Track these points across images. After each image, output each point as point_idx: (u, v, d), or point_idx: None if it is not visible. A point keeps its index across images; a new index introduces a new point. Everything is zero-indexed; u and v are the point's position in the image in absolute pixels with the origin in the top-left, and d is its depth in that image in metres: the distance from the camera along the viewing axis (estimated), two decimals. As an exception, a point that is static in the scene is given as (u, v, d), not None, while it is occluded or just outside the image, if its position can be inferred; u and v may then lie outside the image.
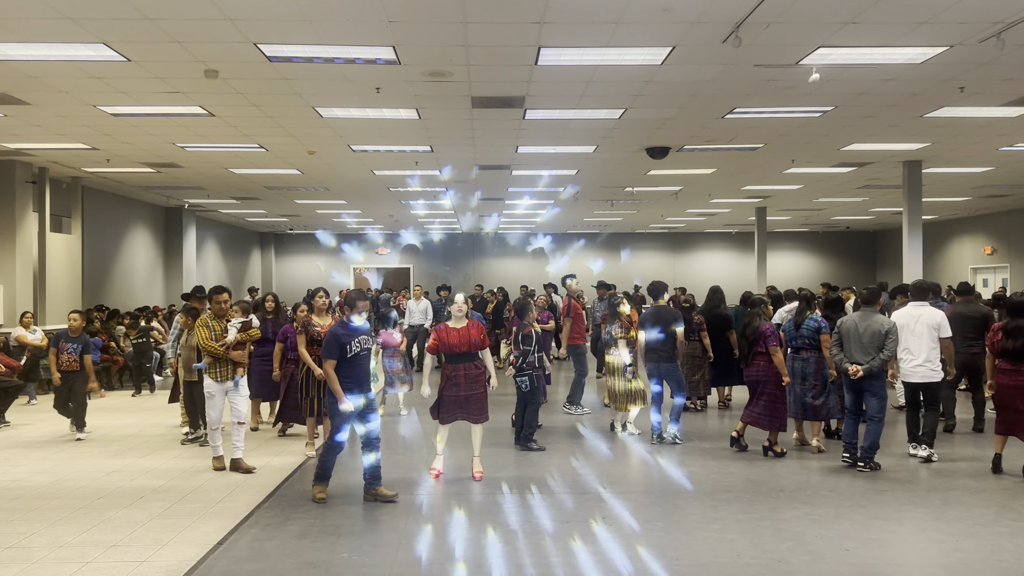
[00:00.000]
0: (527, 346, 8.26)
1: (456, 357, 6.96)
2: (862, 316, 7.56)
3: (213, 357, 7.24)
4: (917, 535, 5.47)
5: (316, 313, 8.08)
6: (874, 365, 7.27)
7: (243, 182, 16.91)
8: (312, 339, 7.86)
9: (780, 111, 10.62)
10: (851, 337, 7.51)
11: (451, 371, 6.96)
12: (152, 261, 21.11)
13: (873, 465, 7.33)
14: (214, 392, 7.29)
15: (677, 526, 5.69)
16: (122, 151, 13.18)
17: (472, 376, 6.98)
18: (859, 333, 7.46)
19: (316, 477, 6.40)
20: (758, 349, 8.02)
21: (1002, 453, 7.28)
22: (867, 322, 7.46)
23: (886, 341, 7.28)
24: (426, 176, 16.11)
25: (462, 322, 7.05)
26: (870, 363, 7.29)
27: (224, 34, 7.39)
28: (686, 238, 31.23)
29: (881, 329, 7.34)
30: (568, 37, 7.57)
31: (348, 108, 10.28)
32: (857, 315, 7.63)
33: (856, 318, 7.59)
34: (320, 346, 7.65)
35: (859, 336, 7.46)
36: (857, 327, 7.49)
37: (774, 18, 7.08)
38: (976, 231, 25.25)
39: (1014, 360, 7.12)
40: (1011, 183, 17.66)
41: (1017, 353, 7.08)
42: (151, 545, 5.33)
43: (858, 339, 7.46)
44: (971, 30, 7.43)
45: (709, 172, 15.87)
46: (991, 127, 11.73)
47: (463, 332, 6.98)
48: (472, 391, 6.96)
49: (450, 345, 6.92)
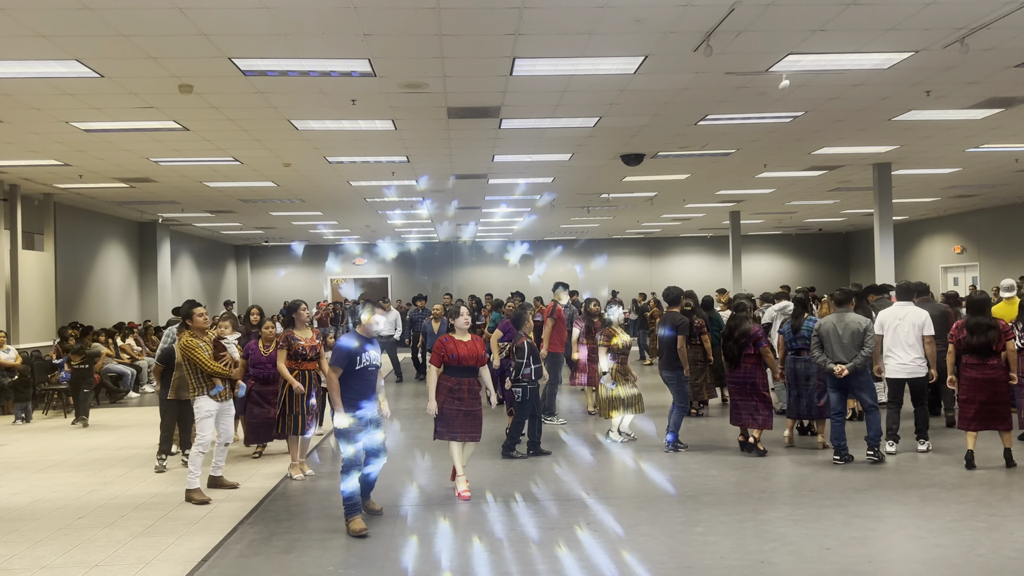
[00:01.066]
0: (520, 358, 8.20)
1: (462, 370, 6.69)
2: (839, 317, 7.76)
3: (220, 377, 6.93)
4: (897, 532, 5.57)
5: (297, 327, 7.79)
6: (857, 363, 7.51)
7: (218, 195, 16.81)
8: (295, 354, 7.60)
9: (752, 117, 10.77)
10: (831, 338, 7.71)
11: (455, 384, 6.67)
12: (127, 277, 20.91)
13: (880, 455, 7.65)
14: (213, 412, 6.94)
15: (661, 530, 5.75)
16: (95, 167, 13.06)
17: (474, 392, 6.76)
18: (839, 334, 7.68)
19: (347, 510, 5.84)
20: (747, 352, 8.18)
21: (974, 448, 7.45)
22: (845, 322, 7.68)
23: (865, 338, 7.54)
24: (403, 186, 16.12)
25: (467, 335, 6.84)
26: (854, 362, 7.52)
27: (198, 49, 7.37)
28: (662, 243, 31.46)
29: (860, 328, 7.59)
30: (542, 48, 7.64)
31: (324, 120, 10.29)
32: (834, 316, 7.82)
33: (833, 319, 7.77)
34: (304, 360, 7.61)
35: (839, 336, 7.67)
36: (836, 328, 7.70)
37: (744, 27, 7.20)
38: (946, 231, 25.68)
39: (980, 355, 7.39)
40: (978, 183, 18.00)
41: (983, 348, 7.37)
42: (134, 564, 5.29)
43: (838, 339, 7.67)
44: (935, 36, 7.60)
45: (683, 178, 16.03)
46: (958, 129, 11.97)
47: (471, 345, 6.76)
48: (472, 407, 6.71)
49: (460, 357, 6.65)
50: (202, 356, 6.82)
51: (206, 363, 6.82)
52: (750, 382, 8.16)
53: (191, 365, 6.85)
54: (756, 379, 8.16)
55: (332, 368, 5.91)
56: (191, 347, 6.81)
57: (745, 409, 8.20)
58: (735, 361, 8.29)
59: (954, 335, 7.67)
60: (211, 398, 6.90)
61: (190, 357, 6.81)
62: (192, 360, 6.83)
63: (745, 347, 8.18)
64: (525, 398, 8.21)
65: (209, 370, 6.82)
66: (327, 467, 8.16)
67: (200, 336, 6.98)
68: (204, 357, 6.83)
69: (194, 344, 6.85)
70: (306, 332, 7.78)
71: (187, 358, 6.84)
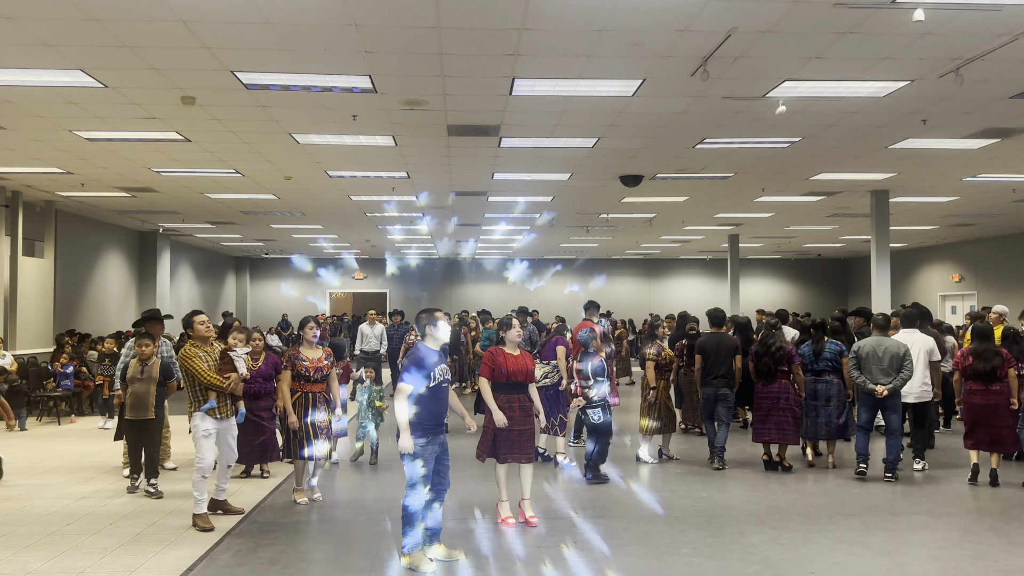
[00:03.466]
0: (600, 377, 7.89)
1: (511, 387, 6.28)
2: (877, 340, 8.17)
3: (218, 392, 6.40)
4: (881, 559, 5.57)
5: (304, 346, 7.19)
6: (897, 385, 7.92)
7: (219, 207, 16.90)
8: (299, 375, 7.02)
9: (749, 141, 10.86)
10: (871, 360, 8.10)
11: (505, 402, 6.23)
12: (125, 285, 20.96)
13: (896, 476, 7.99)
14: (212, 432, 6.37)
15: (647, 551, 5.75)
16: (97, 175, 13.15)
17: (526, 409, 6.32)
18: (879, 356, 8.07)
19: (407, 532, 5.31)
20: (781, 367, 8.42)
21: (979, 462, 7.82)
22: (884, 345, 8.10)
23: (904, 362, 7.96)
24: (403, 202, 16.20)
25: (517, 349, 6.43)
26: (895, 383, 7.92)
27: (201, 62, 7.47)
28: (661, 264, 31.53)
29: (899, 352, 8.02)
30: (542, 69, 7.74)
31: (325, 135, 10.38)
32: (872, 340, 8.21)
33: (872, 343, 8.18)
34: (309, 382, 7.02)
35: (879, 359, 8.06)
36: (875, 351, 8.10)
37: (741, 52, 7.29)
38: (944, 259, 25.75)
39: (985, 381, 7.77)
40: (976, 213, 18.09)
41: (988, 374, 7.76)
42: (120, 571, 5.30)
43: (878, 361, 8.06)
44: (930, 66, 7.69)
45: (682, 200, 16.11)
46: (955, 158, 12.05)
47: (520, 360, 6.34)
48: (525, 426, 6.27)
49: (509, 373, 6.24)
50: (199, 366, 6.32)
51: (202, 373, 6.30)
52: (783, 396, 8.40)
53: (188, 377, 6.40)
54: (789, 394, 8.42)
55: (403, 385, 5.25)
56: (188, 356, 6.36)
57: (776, 425, 8.41)
58: (769, 377, 8.47)
59: (959, 362, 8.00)
60: (206, 414, 6.36)
61: (187, 367, 6.36)
62: (189, 371, 6.37)
63: (780, 363, 8.43)
64: (605, 418, 7.85)
65: (205, 381, 6.30)
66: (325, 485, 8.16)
67: (203, 345, 6.48)
68: (201, 367, 6.32)
69: (192, 353, 6.38)
70: (314, 352, 7.19)
71: (184, 368, 6.40)
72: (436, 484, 5.48)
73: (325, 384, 7.17)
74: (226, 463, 6.65)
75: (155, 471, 7.45)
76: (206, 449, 6.32)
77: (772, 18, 6.49)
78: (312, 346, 7.21)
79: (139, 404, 7.47)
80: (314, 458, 7.08)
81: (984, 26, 6.67)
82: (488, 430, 6.27)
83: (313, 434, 7.01)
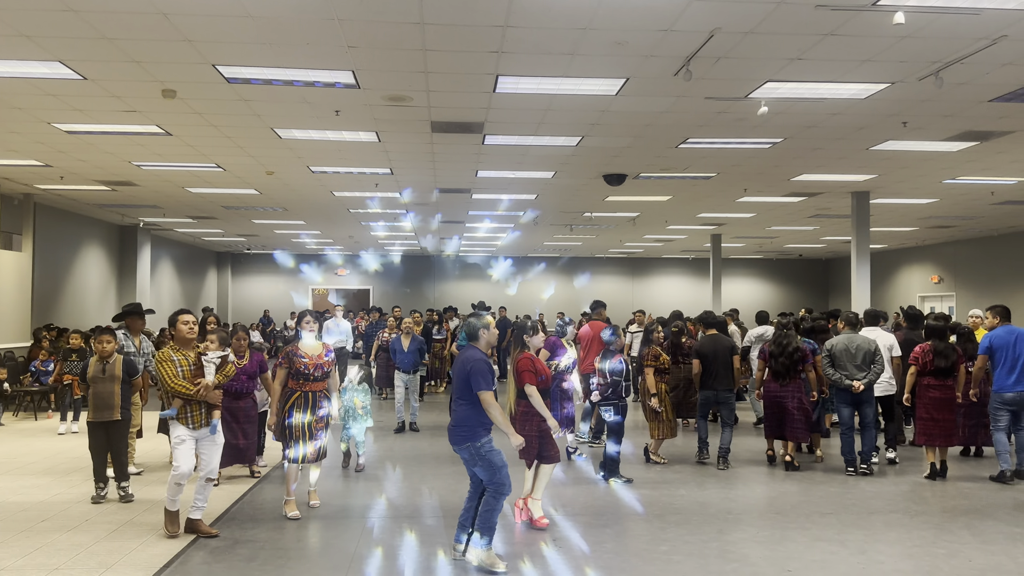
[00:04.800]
0: (616, 377, 7.95)
1: (544, 392, 6.30)
2: (849, 338, 8.42)
3: (184, 399, 5.88)
4: (858, 556, 5.62)
5: (303, 341, 6.64)
6: (871, 379, 8.23)
7: (200, 201, 16.77)
8: (298, 373, 6.49)
9: (731, 142, 10.91)
10: (845, 357, 8.35)
11: (527, 407, 6.24)
12: (105, 280, 20.76)
13: (871, 468, 8.37)
14: (184, 438, 5.89)
15: (626, 548, 5.77)
16: (76, 168, 13.01)
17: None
18: (852, 353, 8.33)
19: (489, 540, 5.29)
20: (798, 368, 8.58)
21: (935, 460, 8.15)
22: (856, 342, 8.38)
23: (875, 357, 8.29)
24: (386, 198, 16.15)
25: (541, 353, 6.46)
26: (868, 378, 8.23)
27: (183, 55, 7.40)
28: (644, 263, 31.63)
29: (870, 347, 8.35)
30: (525, 67, 7.73)
31: (307, 130, 10.32)
32: (844, 337, 8.45)
33: (844, 340, 8.42)
34: (308, 381, 6.50)
35: (852, 355, 8.33)
36: (848, 348, 8.36)
37: (724, 53, 7.32)
38: (924, 260, 26.01)
39: (942, 376, 8.15)
40: (955, 215, 18.27)
41: (947, 371, 8.17)
42: (95, 568, 5.25)
43: (851, 358, 8.33)
44: (911, 68, 7.76)
45: (665, 199, 16.16)
46: (934, 160, 12.17)
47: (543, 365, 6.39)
48: (545, 427, 6.26)
49: (547, 379, 6.30)
50: (166, 371, 5.86)
51: (167, 379, 5.85)
52: (797, 396, 8.53)
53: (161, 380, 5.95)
54: (803, 394, 8.59)
55: (488, 392, 5.24)
56: (160, 359, 5.93)
57: (788, 423, 8.54)
58: (785, 376, 8.59)
59: (918, 357, 8.28)
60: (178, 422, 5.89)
61: (157, 369, 5.95)
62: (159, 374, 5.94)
63: (798, 363, 8.57)
64: (620, 417, 7.94)
65: (170, 387, 5.84)
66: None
67: (182, 348, 6.00)
68: (169, 372, 5.85)
69: (164, 356, 5.95)
70: (315, 347, 6.66)
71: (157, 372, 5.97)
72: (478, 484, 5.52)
73: (325, 383, 6.64)
74: (203, 475, 6.00)
75: (125, 474, 7.09)
76: (179, 456, 5.85)
77: (755, 19, 6.52)
78: (311, 341, 6.64)
79: (103, 404, 7.02)
80: (302, 461, 6.47)
81: (964, 30, 6.73)
82: (532, 435, 6.23)
83: (309, 435, 6.48)
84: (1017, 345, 8.00)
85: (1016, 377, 7.96)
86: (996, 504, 7.13)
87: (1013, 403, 7.99)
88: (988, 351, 8.17)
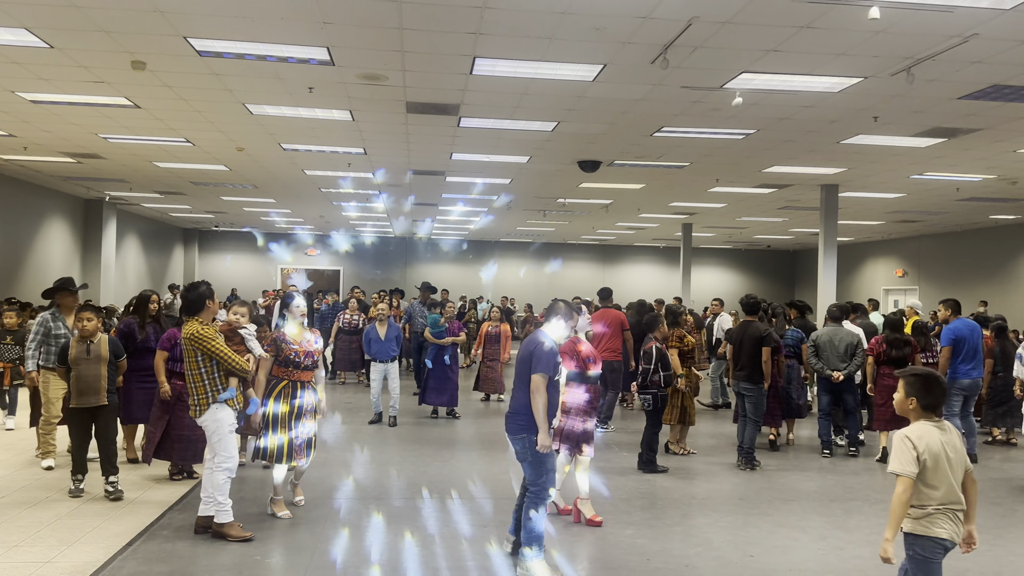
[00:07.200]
0: (648, 363, 7.74)
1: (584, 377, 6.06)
2: (833, 330, 8.91)
3: (240, 377, 5.47)
4: (819, 543, 5.73)
5: (290, 325, 6.05)
6: (852, 370, 8.70)
7: (168, 176, 16.49)
8: (287, 360, 5.94)
9: (705, 132, 10.96)
10: (828, 348, 8.84)
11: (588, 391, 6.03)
12: (69, 254, 20.36)
13: (858, 450, 8.86)
14: (235, 425, 5.45)
15: (592, 531, 5.83)
16: (41, 139, 12.71)
17: None
18: (835, 344, 8.81)
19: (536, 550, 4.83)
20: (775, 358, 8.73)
21: (888, 445, 8.47)
22: (840, 335, 8.86)
23: (857, 349, 8.76)
24: (359, 178, 16.01)
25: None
26: (849, 368, 8.69)
27: (153, 26, 7.25)
28: (616, 251, 31.76)
29: (853, 340, 8.83)
30: (503, 49, 7.68)
31: (279, 106, 10.17)
32: (829, 329, 8.97)
33: (829, 332, 8.91)
34: (298, 369, 5.95)
35: (835, 347, 8.80)
36: (832, 340, 8.84)
37: (700, 42, 7.34)
38: (889, 254, 26.43)
39: (897, 366, 8.44)
40: (921, 210, 18.57)
41: (899, 360, 8.50)
42: (56, 545, 5.18)
43: (834, 349, 8.80)
44: (883, 64, 7.85)
45: (638, 187, 16.22)
46: (903, 156, 12.34)
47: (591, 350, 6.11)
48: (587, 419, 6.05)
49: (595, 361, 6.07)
50: (223, 347, 5.35)
51: (230, 357, 5.32)
52: (772, 386, 8.66)
53: (205, 362, 5.33)
54: (778, 384, 8.86)
55: (542, 379, 4.82)
56: (207, 336, 5.28)
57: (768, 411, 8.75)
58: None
59: (873, 348, 8.71)
60: (224, 404, 5.36)
61: (206, 350, 5.28)
62: (209, 354, 5.30)
63: (778, 352, 8.75)
64: (657, 406, 7.71)
65: (234, 366, 5.33)
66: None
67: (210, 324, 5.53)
68: (226, 349, 5.36)
69: (210, 333, 5.33)
70: (302, 333, 6.07)
71: (200, 352, 5.31)
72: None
73: (313, 373, 6.10)
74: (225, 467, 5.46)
75: (114, 467, 6.39)
76: (230, 446, 5.36)
77: (732, 9, 6.54)
78: (300, 326, 6.07)
79: (88, 389, 6.33)
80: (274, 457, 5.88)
81: (936, 27, 6.81)
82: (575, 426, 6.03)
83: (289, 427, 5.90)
84: (972, 336, 8.73)
85: (972, 365, 8.68)
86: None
87: (967, 389, 8.69)
88: (952, 343, 8.70)
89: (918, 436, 3.50)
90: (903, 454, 3.48)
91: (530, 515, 4.83)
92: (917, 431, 3.53)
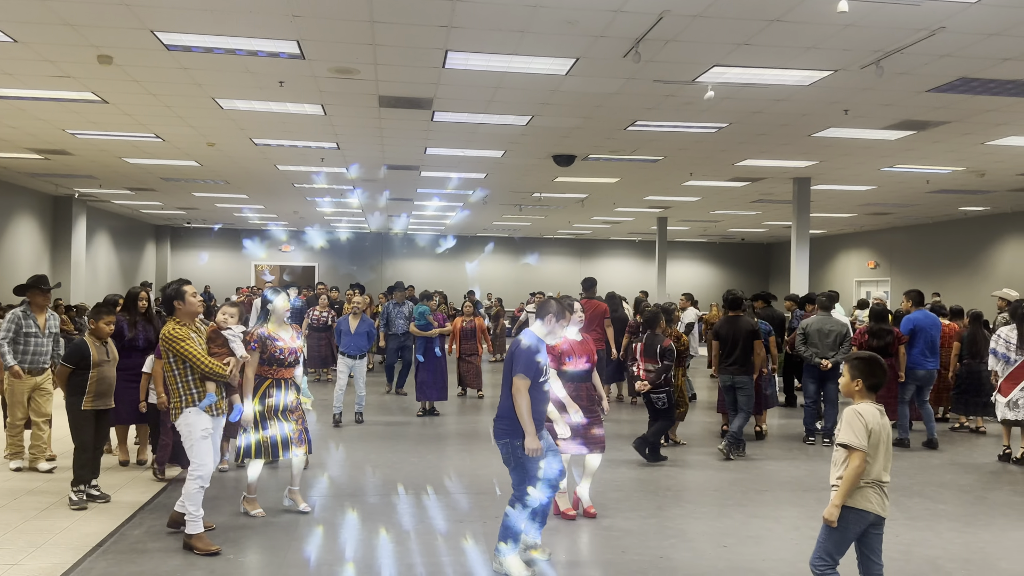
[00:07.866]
0: (668, 361, 7.79)
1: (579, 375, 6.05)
2: (823, 320, 9.11)
3: (218, 381, 5.29)
4: (792, 533, 5.79)
5: (274, 322, 5.95)
6: (840, 358, 8.72)
7: (138, 172, 16.27)
8: (272, 359, 5.85)
9: (679, 125, 11.00)
10: (818, 337, 9.03)
11: (572, 391, 5.94)
12: (37, 252, 20.03)
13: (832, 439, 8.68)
14: (211, 431, 5.24)
15: (566, 525, 5.83)
16: (7, 135, 12.48)
17: (592, 397, 6.10)
18: (824, 333, 9.01)
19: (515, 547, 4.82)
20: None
21: None
22: (829, 324, 9.05)
23: (845, 339, 8.97)
24: (333, 173, 15.90)
25: (579, 334, 6.09)
26: (837, 357, 8.82)
27: (119, 19, 7.13)
28: (592, 245, 31.83)
29: (842, 330, 9.04)
30: (475, 43, 7.65)
31: (250, 100, 10.06)
32: (818, 319, 9.16)
33: (819, 321, 9.11)
34: (283, 367, 5.89)
35: (825, 336, 9.00)
36: (821, 328, 9.04)
37: (672, 36, 7.36)
38: (861, 246, 26.73)
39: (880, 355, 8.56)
40: (892, 202, 18.79)
41: (882, 350, 8.68)
42: (24, 547, 5.10)
43: (824, 338, 9.00)
44: (853, 57, 7.91)
45: (613, 181, 16.25)
46: (873, 148, 12.47)
47: (586, 345, 6.07)
48: (593, 415, 6.04)
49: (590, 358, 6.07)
50: (194, 350, 5.12)
51: (201, 360, 5.12)
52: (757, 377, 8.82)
53: (178, 363, 5.17)
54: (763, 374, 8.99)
55: (523, 381, 4.69)
56: (178, 337, 5.11)
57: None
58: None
59: (857, 338, 8.95)
60: (202, 410, 5.18)
61: (177, 351, 5.12)
62: (179, 355, 5.13)
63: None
64: (669, 403, 7.86)
65: (206, 369, 5.12)
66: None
67: (189, 324, 5.32)
68: (197, 351, 5.14)
69: (182, 333, 5.14)
70: (286, 330, 6.01)
71: (173, 353, 5.15)
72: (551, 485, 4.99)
73: (295, 370, 6.04)
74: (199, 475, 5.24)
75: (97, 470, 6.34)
76: (206, 452, 5.15)
77: (702, 2, 6.55)
78: (284, 324, 6.02)
79: (107, 390, 6.28)
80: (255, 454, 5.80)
81: (904, 20, 6.88)
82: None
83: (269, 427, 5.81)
84: (931, 328, 9.01)
85: (928, 357, 8.98)
86: (922, 481, 7.40)
87: (921, 380, 9.01)
88: (911, 333, 9.03)
89: (869, 413, 3.77)
90: (857, 428, 3.73)
91: (508, 512, 4.81)
92: (866, 409, 3.79)
